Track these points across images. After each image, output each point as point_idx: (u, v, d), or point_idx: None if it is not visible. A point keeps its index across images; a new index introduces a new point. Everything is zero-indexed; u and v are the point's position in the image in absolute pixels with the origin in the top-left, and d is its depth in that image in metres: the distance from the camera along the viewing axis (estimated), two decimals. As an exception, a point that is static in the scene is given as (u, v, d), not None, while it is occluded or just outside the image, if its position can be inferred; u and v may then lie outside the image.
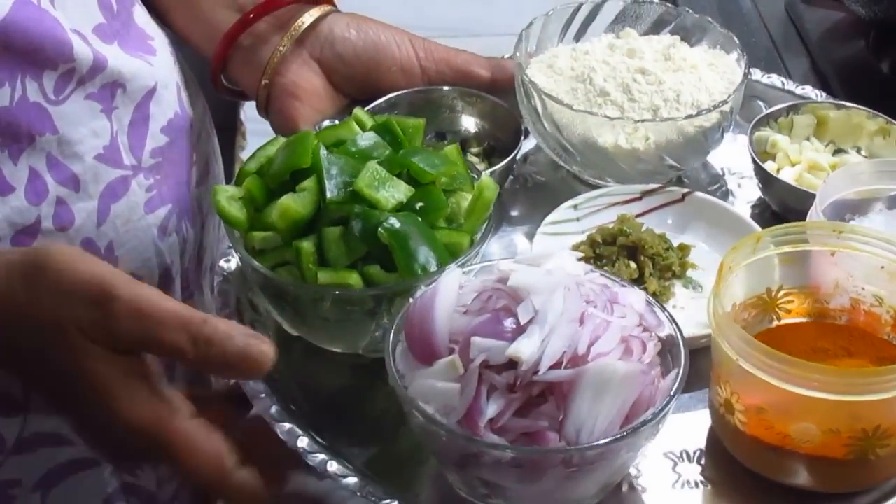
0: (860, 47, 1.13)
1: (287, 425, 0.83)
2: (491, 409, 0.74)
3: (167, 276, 0.99)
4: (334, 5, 1.06)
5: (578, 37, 1.08)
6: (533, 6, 1.15)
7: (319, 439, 0.83)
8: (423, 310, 0.78)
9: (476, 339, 0.75)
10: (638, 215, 0.99)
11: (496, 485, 0.77)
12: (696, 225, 1.00)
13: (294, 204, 0.84)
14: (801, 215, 0.96)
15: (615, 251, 0.94)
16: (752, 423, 0.80)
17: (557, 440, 0.73)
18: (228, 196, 0.87)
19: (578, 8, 1.08)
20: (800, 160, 1.03)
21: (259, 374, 0.75)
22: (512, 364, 0.75)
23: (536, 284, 0.76)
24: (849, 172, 0.95)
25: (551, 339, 0.74)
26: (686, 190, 1.01)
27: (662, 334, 0.79)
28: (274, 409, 0.84)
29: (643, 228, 0.96)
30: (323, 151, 0.86)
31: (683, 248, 0.97)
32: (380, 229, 0.83)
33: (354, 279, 0.83)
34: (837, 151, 1.04)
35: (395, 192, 0.85)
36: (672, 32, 1.07)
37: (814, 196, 0.95)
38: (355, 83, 1.05)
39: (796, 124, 1.05)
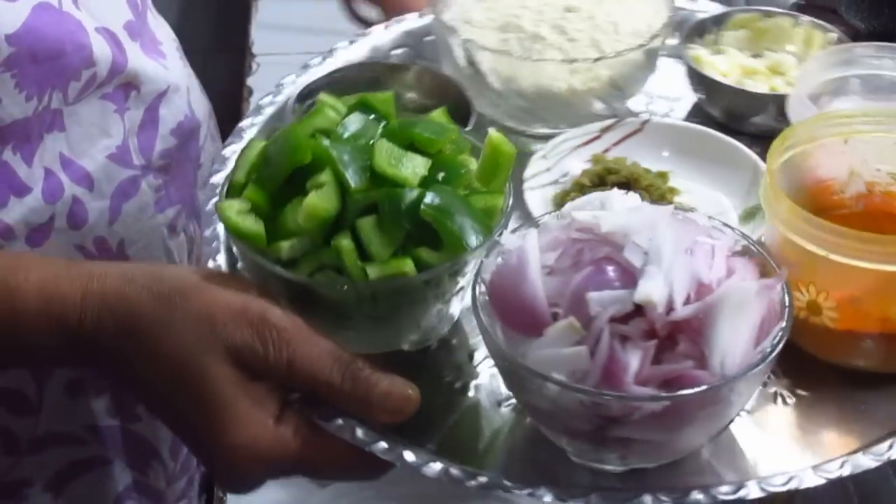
0: None
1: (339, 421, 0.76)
2: (633, 362, 0.69)
3: None
4: None
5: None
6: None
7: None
8: (514, 280, 0.72)
9: (593, 295, 0.70)
10: (604, 152, 0.96)
11: (635, 443, 0.72)
12: (661, 151, 0.97)
13: (320, 202, 0.76)
14: (746, 121, 0.97)
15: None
16: (845, 318, 0.78)
17: (707, 377, 0.69)
18: (237, 210, 0.78)
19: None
20: (728, 73, 1.02)
21: (401, 416, 0.74)
22: (634, 313, 0.70)
23: (633, 224, 0.72)
24: (821, 59, 0.96)
25: (674, 275, 0.70)
26: (644, 118, 0.98)
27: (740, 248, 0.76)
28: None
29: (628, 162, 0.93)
30: (326, 141, 0.78)
31: (663, 175, 0.94)
32: (423, 207, 0.76)
33: (409, 266, 0.76)
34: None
35: (414, 166, 0.78)
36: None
37: (761, 97, 0.97)
38: None
39: (724, 37, 1.04)
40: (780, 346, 0.71)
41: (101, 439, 0.99)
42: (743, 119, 1.00)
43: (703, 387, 0.68)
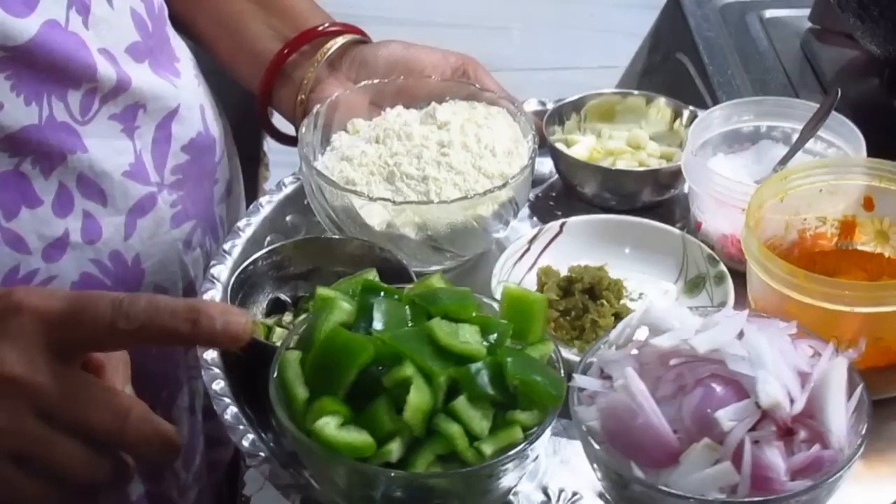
0: (874, 85, 1.15)
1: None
2: (779, 461, 0.74)
3: (191, 290, 1.03)
4: (366, 36, 1.11)
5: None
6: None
7: None
8: (630, 418, 0.76)
9: (721, 413, 0.75)
10: (534, 262, 1.00)
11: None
12: (585, 247, 1.02)
13: (420, 395, 0.76)
14: (634, 198, 1.06)
15: (577, 300, 0.95)
16: (868, 356, 0.85)
17: (836, 455, 0.75)
18: (336, 426, 0.76)
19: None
20: (591, 157, 1.09)
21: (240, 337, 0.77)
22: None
23: (722, 338, 0.77)
24: (708, 117, 1.05)
25: (782, 374, 0.76)
26: (561, 221, 1.03)
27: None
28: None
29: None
30: (389, 334, 0.78)
31: (601, 269, 0.99)
32: (510, 374, 0.77)
33: (519, 433, 0.78)
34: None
35: (472, 335, 0.80)
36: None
37: (645, 174, 1.06)
38: (390, 96, 1.06)
39: (584, 121, 1.12)
40: (870, 407, 0.78)
41: None
42: (632, 197, 1.07)
43: (844, 464, 0.75)
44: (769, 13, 1.32)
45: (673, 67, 1.22)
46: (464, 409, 0.77)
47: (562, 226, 1.03)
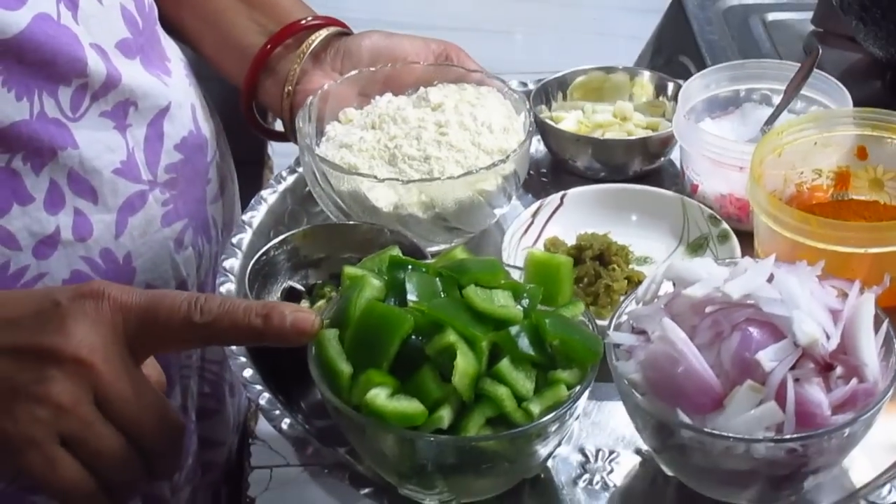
0: (877, 88, 1.16)
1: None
2: (821, 397, 0.76)
3: (183, 289, 1.02)
4: (349, 29, 1.12)
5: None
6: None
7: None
8: (672, 368, 0.77)
9: (762, 354, 0.76)
10: (539, 235, 1.02)
11: (816, 474, 0.79)
12: (588, 217, 1.04)
13: (466, 361, 0.76)
14: (625, 168, 1.08)
15: (589, 267, 0.97)
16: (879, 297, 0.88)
17: (873, 389, 0.77)
18: (386, 397, 0.76)
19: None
20: (580, 130, 1.11)
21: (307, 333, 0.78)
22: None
23: (754, 282, 0.79)
24: (693, 83, 1.07)
25: (815, 313, 0.78)
26: (561, 193, 1.05)
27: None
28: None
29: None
30: (426, 304, 0.79)
31: (607, 237, 1.01)
32: (550, 335, 0.79)
33: (564, 391, 0.78)
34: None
35: (505, 299, 0.81)
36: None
37: (634, 142, 1.09)
38: (379, 85, 1.07)
39: (570, 97, 1.14)
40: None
41: None
42: (622, 167, 1.09)
43: (881, 397, 0.77)
44: (772, 16, 1.32)
45: (676, 70, 1.23)
46: (508, 371, 0.78)
47: (562, 198, 1.04)
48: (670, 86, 1.12)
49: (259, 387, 0.88)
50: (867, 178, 1.00)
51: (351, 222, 0.98)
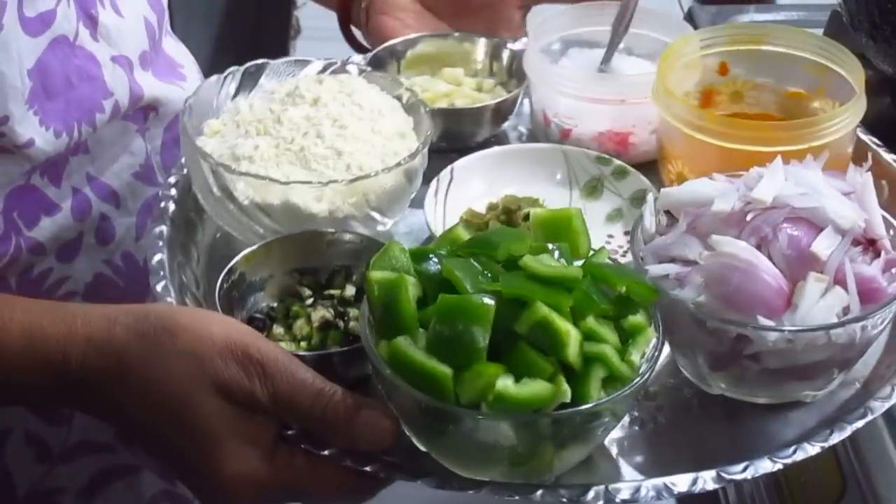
0: (886, 104, 1.13)
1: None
2: (877, 272, 0.80)
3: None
4: None
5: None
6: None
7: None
8: (743, 278, 0.79)
9: (816, 245, 0.80)
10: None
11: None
12: (490, 185, 1.03)
13: (570, 329, 0.74)
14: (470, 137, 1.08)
15: (526, 226, 0.95)
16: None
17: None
18: (514, 384, 0.72)
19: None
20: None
21: (380, 446, 0.78)
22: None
23: (778, 184, 0.82)
24: (544, 24, 1.09)
25: (839, 198, 0.82)
26: (451, 167, 1.02)
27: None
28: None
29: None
30: (499, 284, 0.75)
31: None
32: (617, 284, 0.78)
33: (649, 334, 0.77)
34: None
35: (552, 260, 0.78)
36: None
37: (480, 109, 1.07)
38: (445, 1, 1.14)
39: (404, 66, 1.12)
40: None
41: (131, 448, 1.02)
42: (468, 136, 1.08)
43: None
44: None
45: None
46: (597, 328, 0.76)
47: (451, 171, 1.02)
48: (505, 53, 1.12)
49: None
50: (727, 92, 1.05)
51: (292, 234, 0.90)
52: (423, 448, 0.78)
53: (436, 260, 0.79)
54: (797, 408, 0.84)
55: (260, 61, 1.00)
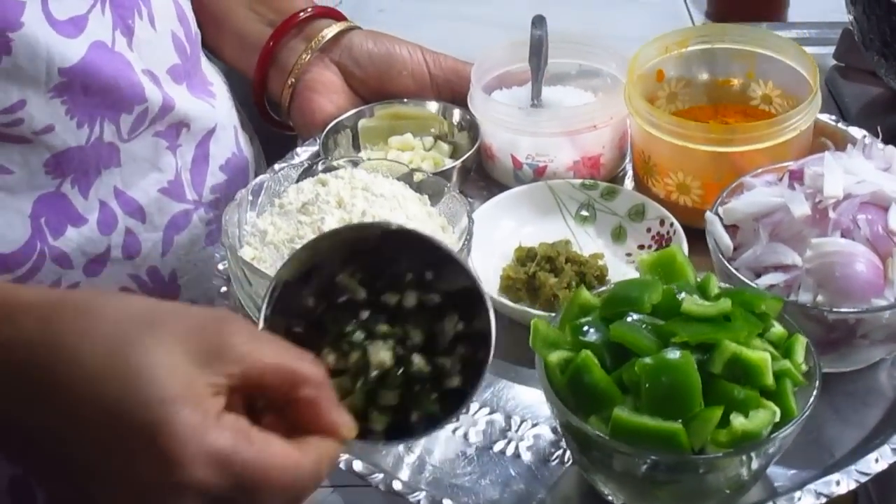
0: None
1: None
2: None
3: (221, 306, 1.00)
4: (348, 21, 1.16)
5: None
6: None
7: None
8: (855, 268, 0.88)
9: (893, 223, 0.90)
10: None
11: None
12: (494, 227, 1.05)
13: (766, 358, 0.80)
14: None
15: (569, 269, 1.00)
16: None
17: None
18: (744, 419, 0.78)
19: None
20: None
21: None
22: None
23: (838, 177, 0.91)
24: (486, 58, 1.14)
25: (885, 175, 0.92)
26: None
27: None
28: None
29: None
30: (685, 335, 0.80)
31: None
32: (764, 304, 0.84)
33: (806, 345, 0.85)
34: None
35: (699, 300, 0.84)
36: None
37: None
38: (370, 86, 1.14)
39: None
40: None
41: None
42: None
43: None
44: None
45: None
46: (770, 349, 0.82)
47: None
48: (455, 112, 1.14)
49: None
50: (664, 95, 1.13)
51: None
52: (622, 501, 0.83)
53: (593, 329, 0.83)
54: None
55: (258, 179, 1.00)
